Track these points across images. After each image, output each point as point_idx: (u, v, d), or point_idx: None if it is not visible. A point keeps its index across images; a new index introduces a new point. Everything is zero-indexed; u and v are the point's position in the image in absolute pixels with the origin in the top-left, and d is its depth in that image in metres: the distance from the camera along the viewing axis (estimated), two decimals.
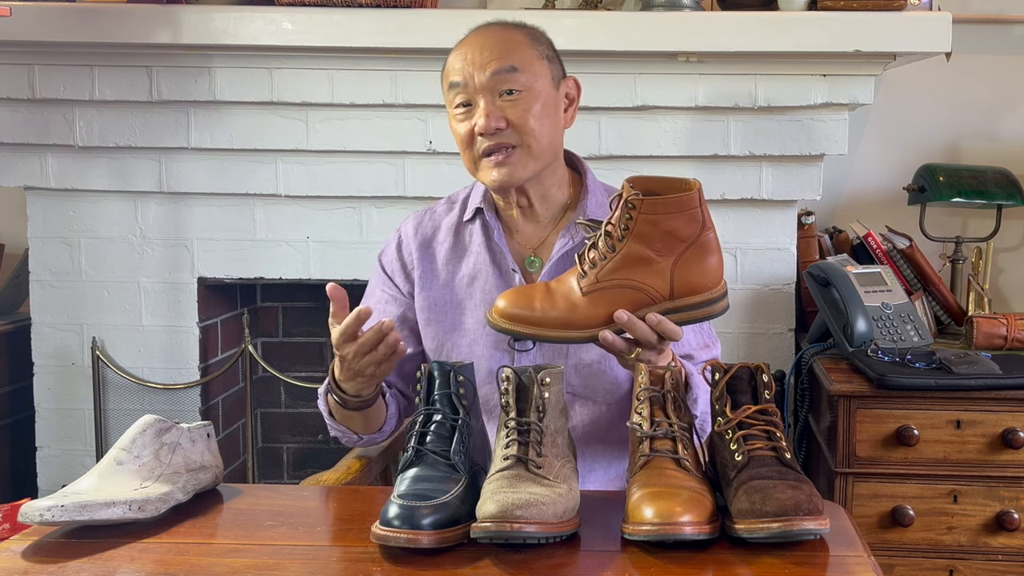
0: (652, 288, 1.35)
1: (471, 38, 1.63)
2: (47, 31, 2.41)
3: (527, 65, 1.58)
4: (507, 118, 1.56)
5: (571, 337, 1.37)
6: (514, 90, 1.57)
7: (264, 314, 3.03)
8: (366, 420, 1.64)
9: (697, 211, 1.33)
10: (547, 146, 1.61)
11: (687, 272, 1.35)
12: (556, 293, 1.38)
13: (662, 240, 1.33)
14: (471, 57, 1.58)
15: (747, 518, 1.16)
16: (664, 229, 1.33)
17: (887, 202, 2.77)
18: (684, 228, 1.33)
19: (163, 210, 2.60)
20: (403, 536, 1.16)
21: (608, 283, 1.35)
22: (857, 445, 2.02)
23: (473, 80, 1.57)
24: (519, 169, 1.59)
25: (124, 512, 1.26)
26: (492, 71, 1.56)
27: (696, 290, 1.36)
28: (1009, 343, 2.27)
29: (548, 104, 1.60)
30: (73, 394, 2.66)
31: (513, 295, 1.40)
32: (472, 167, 1.63)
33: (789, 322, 2.57)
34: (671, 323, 1.35)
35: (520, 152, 1.58)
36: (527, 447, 1.24)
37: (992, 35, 2.75)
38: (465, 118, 1.59)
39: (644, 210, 1.32)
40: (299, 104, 2.50)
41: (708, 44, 2.39)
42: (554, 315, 1.36)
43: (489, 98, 1.57)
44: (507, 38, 1.61)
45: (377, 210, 2.57)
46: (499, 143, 1.57)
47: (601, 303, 1.36)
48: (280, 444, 3.08)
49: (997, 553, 2.03)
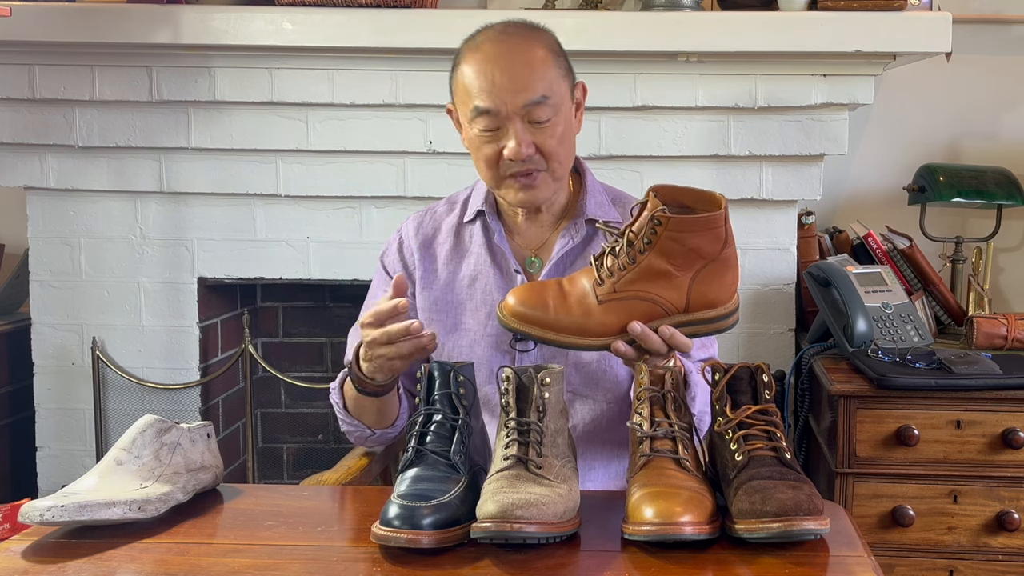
0: (668, 301, 1.34)
1: (493, 52, 1.57)
2: (47, 31, 2.41)
3: (554, 90, 1.57)
4: (536, 144, 1.56)
5: (583, 344, 1.36)
6: (543, 120, 1.56)
7: (264, 314, 3.03)
8: (379, 411, 1.62)
9: (722, 230, 1.32)
10: (569, 163, 1.63)
11: (705, 287, 1.34)
12: (570, 297, 1.36)
13: (684, 256, 1.32)
14: (499, 82, 1.54)
15: (747, 518, 1.16)
16: (688, 246, 1.31)
17: (887, 202, 2.77)
18: (708, 246, 1.32)
19: (163, 210, 2.60)
20: (403, 536, 1.16)
21: (625, 294, 1.34)
22: (857, 445, 2.02)
23: (505, 108, 1.54)
24: (543, 191, 1.60)
25: (124, 512, 1.26)
26: (524, 102, 1.54)
27: (711, 304, 1.35)
28: (1009, 343, 2.27)
29: (569, 123, 1.61)
30: (73, 394, 2.66)
31: (525, 293, 1.38)
32: (494, 184, 1.62)
33: (789, 322, 2.57)
34: (683, 336, 1.35)
35: (545, 176, 1.59)
36: (527, 447, 1.24)
37: (992, 35, 2.75)
38: (492, 140, 1.57)
39: (671, 227, 1.30)
40: (299, 104, 2.50)
41: (708, 44, 2.39)
42: (567, 321, 1.35)
43: (520, 125, 1.55)
44: (532, 59, 1.57)
45: (377, 210, 2.57)
46: (527, 168, 1.57)
47: (615, 312, 1.34)
48: (280, 444, 3.08)
49: (997, 553, 2.03)
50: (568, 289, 1.37)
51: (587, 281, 1.37)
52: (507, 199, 1.63)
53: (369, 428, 1.66)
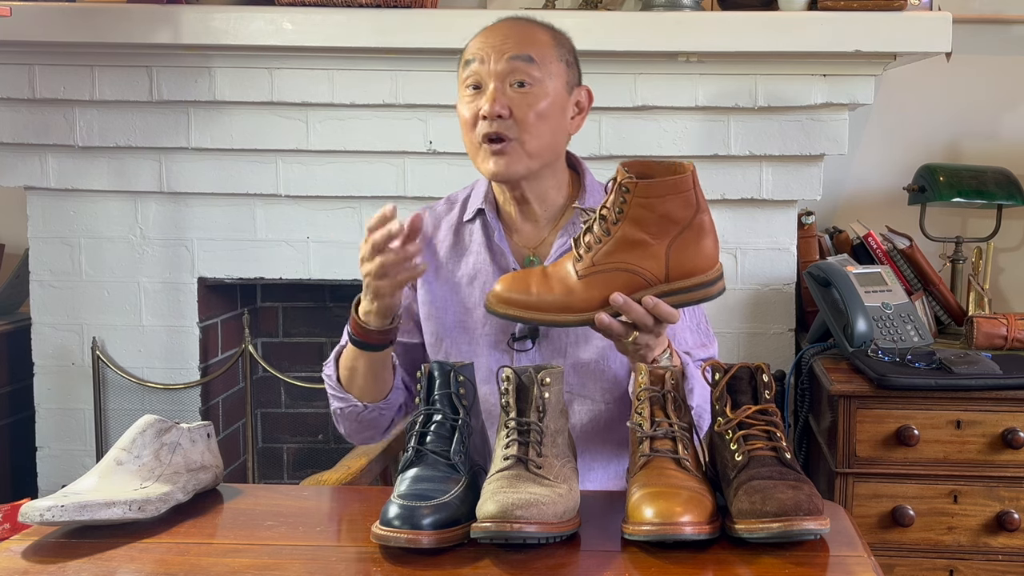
0: (647, 271, 1.35)
1: (497, 25, 1.64)
2: (47, 31, 2.41)
3: (544, 60, 1.59)
4: (511, 108, 1.57)
5: (567, 320, 1.37)
6: (525, 82, 1.57)
7: (264, 314, 3.03)
8: (372, 375, 1.60)
9: (691, 193, 1.33)
10: (545, 146, 1.61)
11: (682, 255, 1.35)
12: (552, 277, 1.38)
13: (657, 223, 1.33)
14: (491, 41, 1.60)
15: (747, 518, 1.16)
16: (659, 212, 1.33)
17: (887, 202, 2.77)
18: (679, 211, 1.33)
19: (163, 210, 2.60)
20: (403, 536, 1.16)
21: (604, 266, 1.35)
22: (857, 445, 2.02)
23: (489, 61, 1.58)
24: (514, 163, 1.59)
25: (124, 512, 1.26)
26: (509, 56, 1.57)
27: (691, 272, 1.36)
28: (1009, 343, 2.27)
29: (555, 105, 1.60)
30: (73, 394, 2.66)
31: (510, 280, 1.41)
32: (473, 152, 1.63)
33: (789, 322, 2.57)
34: (667, 305, 1.35)
35: (515, 146, 1.58)
36: (527, 447, 1.24)
37: (992, 35, 2.75)
38: (473, 99, 1.60)
39: (638, 193, 1.32)
40: (299, 104, 2.50)
41: (708, 44, 2.39)
42: (550, 299, 1.36)
43: (499, 84, 1.57)
44: (531, 32, 1.63)
45: (377, 210, 2.56)
46: (497, 131, 1.57)
47: (597, 286, 1.36)
48: (280, 444, 3.08)
49: (997, 553, 2.03)
50: (551, 272, 1.39)
51: (569, 263, 1.38)
52: (482, 170, 1.63)
53: (360, 402, 1.63)
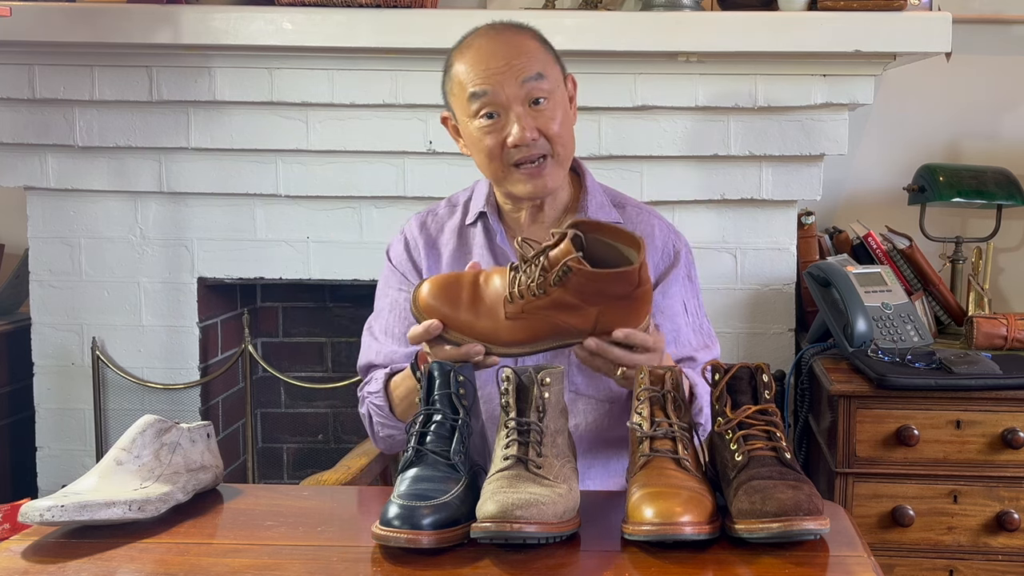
0: (574, 327, 1.35)
1: (482, 44, 1.59)
2: (47, 31, 2.41)
3: (547, 71, 1.58)
4: (538, 127, 1.56)
5: (492, 351, 1.37)
6: (541, 99, 1.56)
7: (264, 314, 3.03)
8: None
9: (635, 278, 1.32)
10: (571, 150, 1.63)
11: (612, 318, 1.34)
12: (482, 302, 1.36)
13: (594, 295, 1.33)
14: (494, 66, 1.56)
15: (747, 518, 1.16)
16: (598, 289, 1.32)
17: (887, 202, 2.77)
18: (619, 290, 1.33)
19: (163, 210, 2.60)
20: (403, 536, 1.16)
21: (533, 316, 1.34)
22: (857, 445, 2.02)
23: (503, 90, 1.55)
24: (551, 179, 1.60)
25: (124, 512, 1.26)
26: (522, 79, 1.55)
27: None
28: (1009, 343, 2.27)
29: (565, 108, 1.61)
30: (73, 394, 2.66)
31: (439, 286, 1.38)
32: (499, 177, 1.61)
33: (789, 322, 2.57)
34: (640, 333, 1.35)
35: (551, 162, 1.59)
36: (527, 447, 1.24)
37: (992, 35, 2.75)
38: (493, 129, 1.57)
39: (581, 276, 1.31)
40: (299, 104, 2.50)
41: (708, 44, 2.39)
42: (479, 327, 1.35)
43: (521, 109, 1.55)
44: (521, 43, 1.59)
45: (377, 210, 2.57)
46: (532, 154, 1.56)
47: (523, 330, 1.35)
48: (280, 444, 3.08)
49: (997, 553, 2.03)
50: (483, 289, 1.37)
51: (500, 284, 1.36)
52: (515, 192, 1.61)
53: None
